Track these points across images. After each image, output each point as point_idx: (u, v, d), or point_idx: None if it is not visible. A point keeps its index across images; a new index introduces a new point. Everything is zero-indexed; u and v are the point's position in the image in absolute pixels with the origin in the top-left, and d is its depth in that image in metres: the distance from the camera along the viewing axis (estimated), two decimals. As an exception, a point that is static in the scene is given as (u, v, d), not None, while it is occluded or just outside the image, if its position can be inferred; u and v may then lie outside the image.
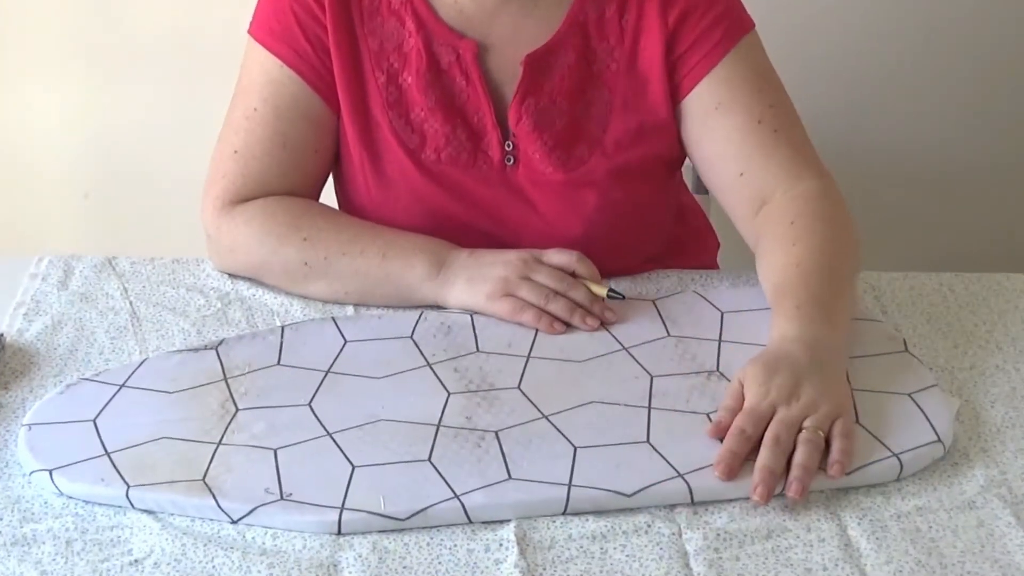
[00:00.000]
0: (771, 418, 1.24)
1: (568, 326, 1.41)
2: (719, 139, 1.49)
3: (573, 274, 1.44)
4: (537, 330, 1.41)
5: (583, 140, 1.49)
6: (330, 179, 1.58)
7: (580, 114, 1.49)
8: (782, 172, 1.47)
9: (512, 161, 1.49)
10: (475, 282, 1.43)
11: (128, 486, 1.20)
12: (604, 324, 1.42)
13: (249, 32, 1.51)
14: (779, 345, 1.31)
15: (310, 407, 1.29)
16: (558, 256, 1.45)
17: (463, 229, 1.49)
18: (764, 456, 1.21)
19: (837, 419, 1.25)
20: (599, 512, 1.19)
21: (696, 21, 1.48)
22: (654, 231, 1.58)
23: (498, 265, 1.43)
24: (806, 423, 1.24)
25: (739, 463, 1.21)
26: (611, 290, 1.43)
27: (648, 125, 1.50)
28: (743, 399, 1.27)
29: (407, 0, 1.48)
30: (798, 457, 1.21)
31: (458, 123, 1.48)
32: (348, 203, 1.56)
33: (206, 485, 1.20)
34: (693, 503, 1.20)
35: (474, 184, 1.49)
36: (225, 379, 1.33)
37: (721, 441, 1.24)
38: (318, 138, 1.51)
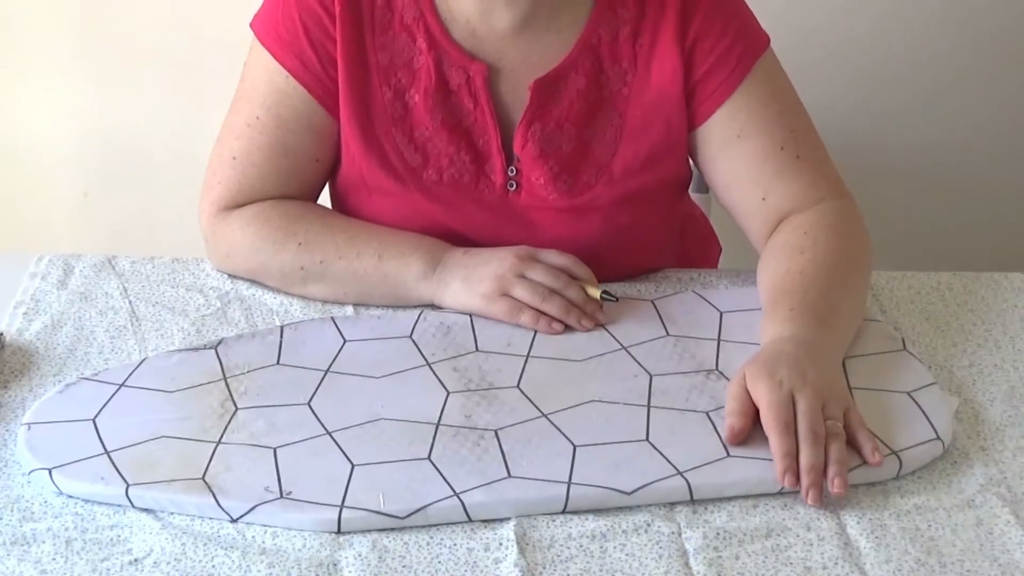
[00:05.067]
0: (794, 407, 1.24)
1: (567, 327, 1.41)
2: (740, 165, 1.48)
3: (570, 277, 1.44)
4: (536, 330, 1.41)
5: (590, 166, 1.47)
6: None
7: (589, 139, 1.47)
8: (803, 196, 1.47)
9: (515, 187, 1.47)
10: (471, 282, 1.42)
11: (128, 485, 1.20)
12: (599, 325, 1.42)
13: (253, 30, 1.49)
14: (773, 346, 1.31)
15: (309, 406, 1.30)
16: (555, 257, 1.44)
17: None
18: (808, 455, 1.20)
19: (848, 409, 1.26)
20: (599, 511, 1.19)
21: (712, 45, 1.45)
22: (657, 252, 1.57)
23: (493, 262, 1.43)
24: (826, 413, 1.24)
25: (797, 463, 1.21)
26: (605, 292, 1.43)
27: (658, 150, 1.48)
28: (749, 401, 1.26)
29: (420, 17, 1.45)
30: (833, 453, 1.21)
31: (463, 145, 1.46)
32: (343, 211, 1.54)
33: (206, 484, 1.20)
34: (693, 501, 1.20)
35: (474, 206, 1.48)
36: (224, 378, 1.33)
37: (735, 445, 1.24)
38: (319, 148, 1.49)
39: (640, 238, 1.52)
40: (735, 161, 1.48)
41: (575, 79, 1.46)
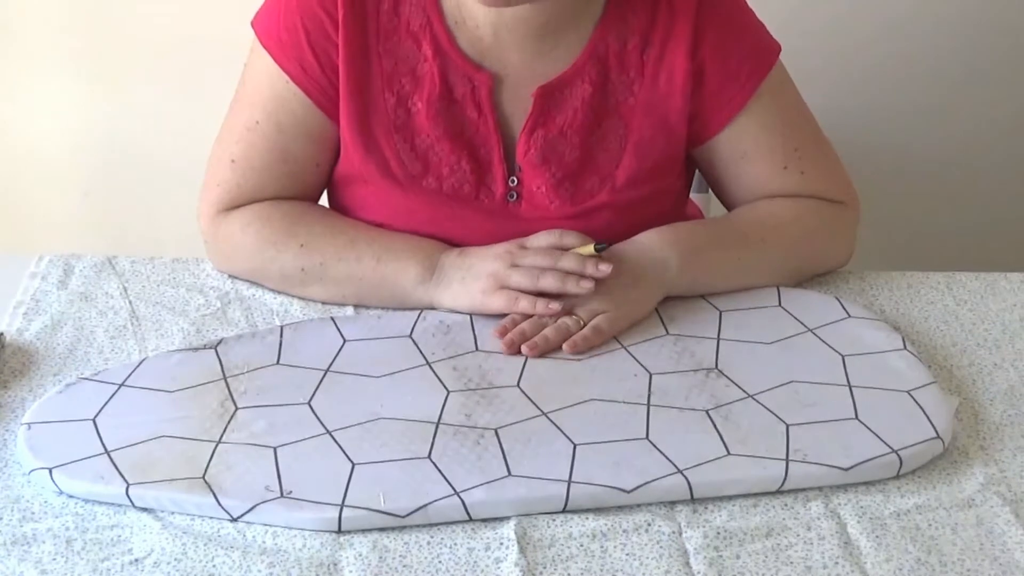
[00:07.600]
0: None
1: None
2: (744, 184, 1.52)
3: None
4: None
5: (593, 175, 1.47)
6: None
7: (593, 147, 1.46)
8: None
9: (515, 197, 1.47)
10: (467, 282, 1.42)
11: (128, 484, 1.20)
12: (600, 280, 1.40)
13: (255, 30, 1.47)
14: (631, 244, 1.44)
15: (309, 406, 1.30)
16: (542, 238, 1.44)
17: None
18: (526, 323, 1.38)
19: (601, 314, 1.37)
20: (599, 510, 1.19)
21: (722, 63, 1.45)
22: None
23: (487, 259, 1.43)
24: (575, 311, 1.38)
25: (518, 335, 1.37)
26: (597, 243, 1.41)
27: (661, 162, 1.49)
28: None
29: (427, 24, 1.44)
30: (546, 331, 1.37)
31: (464, 155, 1.46)
32: (339, 202, 1.54)
33: (206, 483, 1.20)
34: (693, 499, 1.21)
35: (473, 215, 1.47)
36: (224, 378, 1.33)
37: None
38: (319, 153, 1.49)
39: None
40: (739, 180, 1.51)
41: (580, 87, 1.45)
